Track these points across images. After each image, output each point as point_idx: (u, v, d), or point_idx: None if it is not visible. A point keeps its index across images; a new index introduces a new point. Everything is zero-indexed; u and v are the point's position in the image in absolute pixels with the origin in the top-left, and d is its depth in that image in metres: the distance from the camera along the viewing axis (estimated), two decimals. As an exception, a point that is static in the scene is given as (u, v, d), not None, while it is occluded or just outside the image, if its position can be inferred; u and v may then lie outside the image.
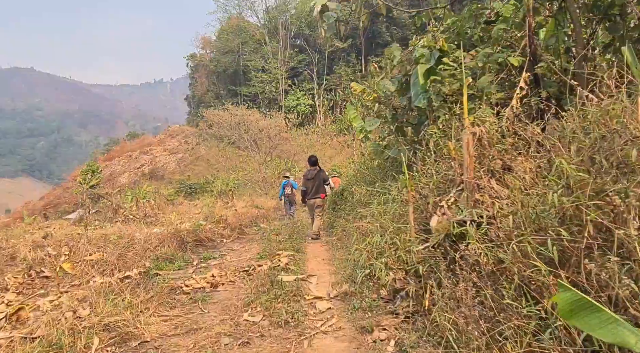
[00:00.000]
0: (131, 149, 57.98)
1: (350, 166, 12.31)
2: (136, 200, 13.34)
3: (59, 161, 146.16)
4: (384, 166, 6.64)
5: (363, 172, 7.82)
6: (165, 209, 13.87)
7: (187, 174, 43.60)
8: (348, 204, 7.10)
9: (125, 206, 12.77)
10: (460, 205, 3.32)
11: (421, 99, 5.28)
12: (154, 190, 17.32)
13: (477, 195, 3.50)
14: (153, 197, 14.90)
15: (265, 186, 26.58)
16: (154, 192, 15.64)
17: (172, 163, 51.13)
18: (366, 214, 4.52)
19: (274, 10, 51.64)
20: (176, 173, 45.98)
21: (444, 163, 3.98)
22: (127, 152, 56.51)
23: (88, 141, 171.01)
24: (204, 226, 7.60)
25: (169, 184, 42.25)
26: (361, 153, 9.47)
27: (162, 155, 53.22)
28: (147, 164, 50.94)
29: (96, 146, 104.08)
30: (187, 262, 5.63)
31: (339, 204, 8.56)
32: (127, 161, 54.03)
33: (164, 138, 61.63)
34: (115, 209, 12.34)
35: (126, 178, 48.43)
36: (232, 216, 13.92)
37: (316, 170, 8.15)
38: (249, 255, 5.88)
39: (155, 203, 13.77)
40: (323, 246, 6.28)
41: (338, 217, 7.48)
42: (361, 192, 6.06)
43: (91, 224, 11.96)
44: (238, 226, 8.62)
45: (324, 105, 45.90)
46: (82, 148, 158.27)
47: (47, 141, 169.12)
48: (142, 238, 6.54)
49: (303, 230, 8.92)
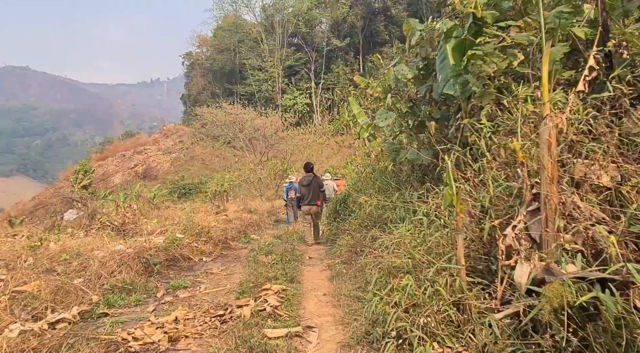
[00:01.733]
0: (125, 148, 56.83)
1: (351, 168, 11.08)
2: (116, 205, 12.07)
3: (54, 160, 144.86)
4: (399, 170, 5.43)
5: (370, 177, 6.60)
6: (149, 214, 12.61)
7: (181, 175, 42.51)
8: (353, 216, 5.87)
9: (103, 211, 11.47)
10: (549, 239, 2.10)
11: (452, 85, 4.07)
12: (140, 192, 16.03)
13: (560, 219, 2.28)
14: (136, 201, 13.65)
15: (261, 187, 25.37)
16: (136, 195, 14.33)
17: (167, 162, 49.99)
18: (387, 241, 3.28)
19: (270, 8, 50.53)
20: (170, 173, 44.86)
21: (501, 169, 2.77)
22: (121, 151, 55.33)
23: (84, 140, 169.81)
24: (181, 241, 6.35)
25: (163, 185, 41.10)
26: (366, 153, 8.23)
27: (157, 155, 52.06)
28: (141, 164, 49.77)
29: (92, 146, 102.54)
30: (150, 293, 4.38)
31: (341, 214, 7.34)
32: (120, 161, 52.83)
33: (159, 137, 60.40)
34: (91, 215, 11.01)
35: (119, 178, 47.25)
36: (222, 222, 12.69)
37: (312, 177, 8.05)
38: (230, 283, 4.63)
39: (137, 208, 12.49)
40: (324, 272, 5.00)
41: (342, 230, 6.24)
42: (371, 203, 4.84)
43: (63, 230, 10.68)
44: (223, 239, 7.35)
45: (321, 104, 44.95)
46: (77, 147, 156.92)
47: (42, 140, 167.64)
48: (104, 257, 5.29)
49: (299, 242, 7.71)
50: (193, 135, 46.53)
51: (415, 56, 5.66)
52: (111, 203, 13.59)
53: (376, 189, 5.57)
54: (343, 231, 5.98)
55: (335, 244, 6.37)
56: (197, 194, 33.90)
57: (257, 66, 47.28)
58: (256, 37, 49.23)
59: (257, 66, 47.28)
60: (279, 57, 46.94)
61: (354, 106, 8.20)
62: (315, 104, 45.48)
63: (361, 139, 7.64)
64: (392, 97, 5.58)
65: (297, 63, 47.71)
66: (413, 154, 4.88)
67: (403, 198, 4.26)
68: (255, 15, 52.81)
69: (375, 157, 6.88)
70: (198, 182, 36.45)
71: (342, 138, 38.32)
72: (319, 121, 43.67)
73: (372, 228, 4.71)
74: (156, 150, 55.08)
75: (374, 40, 46.27)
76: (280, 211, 16.87)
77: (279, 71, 46.27)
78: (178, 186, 37.10)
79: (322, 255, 6.37)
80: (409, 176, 5.02)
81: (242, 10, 52.66)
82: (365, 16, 46.56)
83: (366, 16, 46.55)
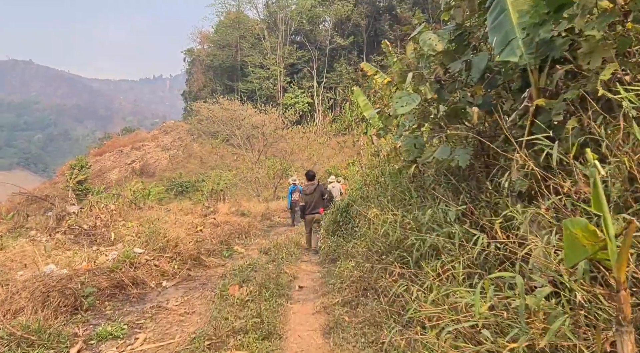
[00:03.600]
0: (123, 144, 55.72)
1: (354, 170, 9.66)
2: (90, 205, 10.72)
3: (55, 155, 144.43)
4: (418, 173, 4.03)
5: (378, 181, 5.19)
6: (128, 216, 11.23)
7: (178, 172, 41.35)
8: (359, 235, 4.43)
9: (73, 213, 10.11)
10: None
11: (514, 50, 2.69)
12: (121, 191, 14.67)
13: None
14: (115, 200, 12.26)
15: (258, 187, 23.98)
16: (115, 194, 12.94)
17: (164, 159, 48.90)
18: (423, 297, 1.89)
19: (273, 4, 49.26)
20: (168, 170, 43.72)
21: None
22: (119, 147, 54.18)
23: (85, 135, 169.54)
24: (139, 258, 4.95)
25: (160, 182, 39.94)
26: (373, 152, 6.81)
27: (155, 151, 50.94)
28: (138, 160, 48.60)
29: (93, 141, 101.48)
30: (61, 348, 2.98)
31: (343, 226, 5.92)
32: (118, 157, 51.70)
33: (158, 133, 59.22)
34: (59, 218, 9.59)
35: (116, 174, 46.09)
36: (209, 225, 11.29)
37: (314, 185, 7.99)
38: (182, 331, 3.23)
39: (115, 209, 11.10)
40: (317, 316, 3.55)
41: (343, 250, 4.75)
42: (384, 219, 3.45)
43: (25, 233, 9.35)
44: (195, 254, 5.90)
45: (323, 104, 43.65)
46: (78, 142, 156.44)
47: (43, 134, 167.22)
48: (27, 281, 3.92)
49: (290, 258, 6.33)
50: (190, 132, 45.42)
51: (446, 23, 4.27)
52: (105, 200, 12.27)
53: (388, 198, 4.17)
54: (345, 253, 4.55)
55: (333, 265, 4.97)
56: (194, 193, 32.68)
57: (258, 63, 46.05)
58: (258, 33, 48.03)
59: (258, 63, 46.04)
60: (281, 54, 45.71)
61: (360, 97, 6.80)
62: (317, 104, 44.27)
63: (368, 135, 6.20)
64: (413, 78, 4.18)
65: (299, 61, 46.51)
66: (444, 153, 3.48)
67: (434, 216, 2.88)
68: (258, 12, 51.73)
69: (385, 157, 5.45)
70: (195, 180, 35.23)
71: (344, 138, 36.99)
72: (320, 120, 42.49)
73: (387, 255, 3.31)
74: (154, 146, 54.06)
75: (378, 40, 44.89)
76: (276, 214, 15.49)
77: (280, 68, 45.00)
78: (175, 184, 35.95)
79: (316, 280, 4.92)
80: (436, 183, 3.62)
81: (244, 6, 51.46)
82: (370, 15, 45.33)
83: (371, 15, 45.32)
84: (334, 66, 45.71)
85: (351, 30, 46.36)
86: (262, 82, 45.50)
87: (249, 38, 48.24)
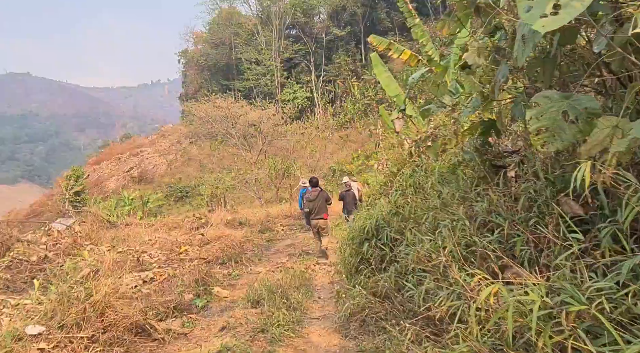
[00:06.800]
0: (121, 151, 54.19)
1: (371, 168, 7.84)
2: (47, 230, 9.04)
3: (58, 165, 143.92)
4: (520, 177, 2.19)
5: (421, 186, 3.33)
6: (99, 238, 9.49)
7: (177, 177, 39.74)
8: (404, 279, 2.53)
9: (27, 239, 8.41)
10: None
11: None
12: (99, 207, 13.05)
13: None
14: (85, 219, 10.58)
15: (259, 189, 22.25)
16: (87, 212, 11.23)
17: (163, 165, 47.29)
18: None
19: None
20: (167, 176, 42.09)
21: None
22: (117, 154, 52.64)
23: (87, 144, 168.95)
24: (27, 349, 2.94)
25: (159, 188, 38.32)
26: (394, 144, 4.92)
27: (153, 157, 49.29)
28: (137, 167, 46.96)
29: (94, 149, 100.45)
30: None
31: (373, 260, 3.66)
32: (116, 164, 50.10)
33: (156, 138, 57.63)
34: (5, 246, 7.78)
35: (114, 183, 44.45)
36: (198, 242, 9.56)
37: (317, 191, 8.31)
38: None
39: (81, 231, 9.38)
40: None
41: (379, 323, 2.70)
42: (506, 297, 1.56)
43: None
44: (141, 319, 3.71)
45: (322, 98, 41.79)
46: (80, 151, 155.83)
47: (46, 145, 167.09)
48: None
49: (291, 324, 4.31)
50: (187, 135, 43.89)
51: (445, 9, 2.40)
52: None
53: (460, 222, 2.25)
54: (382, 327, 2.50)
55: (363, 334, 3.03)
56: (194, 198, 31.05)
57: (254, 59, 44.24)
58: (252, 29, 46.19)
59: (254, 60, 44.24)
60: (276, 49, 43.85)
61: (378, 68, 4.94)
62: (316, 98, 42.51)
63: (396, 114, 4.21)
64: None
65: (296, 55, 44.70)
66: None
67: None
68: (251, 7, 49.84)
69: (424, 147, 3.55)
70: (195, 184, 33.51)
71: (347, 132, 35.20)
72: (320, 114, 40.72)
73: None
74: (152, 152, 52.49)
75: (376, 29, 42.88)
76: (277, 221, 13.74)
77: (277, 63, 43.16)
78: (174, 190, 34.35)
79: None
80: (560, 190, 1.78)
81: (236, 1, 49.60)
82: (366, 3, 43.30)
83: (367, 3, 43.29)
84: (332, 58, 43.92)
85: (347, 20, 44.45)
86: (259, 79, 43.76)
87: (242, 34, 46.43)
